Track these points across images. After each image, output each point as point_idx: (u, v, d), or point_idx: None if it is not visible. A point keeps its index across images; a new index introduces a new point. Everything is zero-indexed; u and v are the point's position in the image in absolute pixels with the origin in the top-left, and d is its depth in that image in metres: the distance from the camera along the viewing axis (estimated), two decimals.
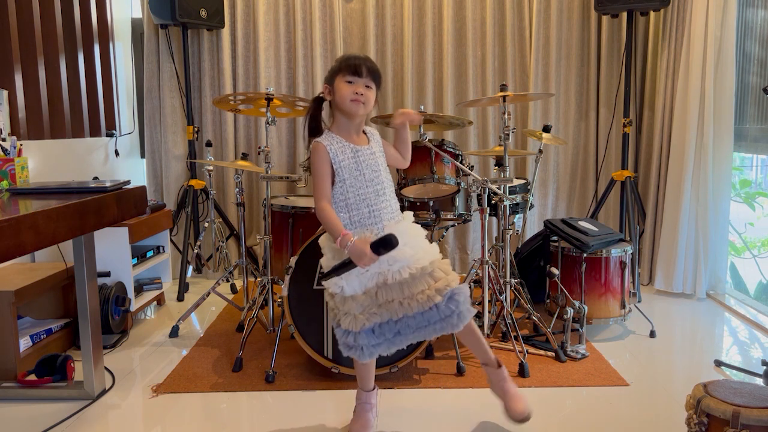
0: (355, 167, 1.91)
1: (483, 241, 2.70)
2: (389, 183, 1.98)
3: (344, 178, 1.90)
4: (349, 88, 1.90)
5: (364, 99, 1.90)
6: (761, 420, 1.58)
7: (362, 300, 1.88)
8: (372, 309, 1.88)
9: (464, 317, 1.89)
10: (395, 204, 1.99)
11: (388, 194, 1.96)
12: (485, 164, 4.08)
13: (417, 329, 1.89)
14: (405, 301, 1.87)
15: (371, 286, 1.88)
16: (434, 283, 1.87)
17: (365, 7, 3.96)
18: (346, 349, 1.90)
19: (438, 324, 1.88)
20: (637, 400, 2.30)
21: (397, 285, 1.87)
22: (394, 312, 1.87)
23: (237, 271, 3.86)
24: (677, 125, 3.51)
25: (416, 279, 1.87)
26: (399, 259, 1.86)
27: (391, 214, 1.96)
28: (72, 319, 2.83)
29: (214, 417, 2.21)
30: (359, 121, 1.97)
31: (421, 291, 1.86)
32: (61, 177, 3.23)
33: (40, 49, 3.08)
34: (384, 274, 1.88)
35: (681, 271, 3.52)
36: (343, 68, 1.92)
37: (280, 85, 4.05)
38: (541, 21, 3.93)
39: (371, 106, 1.95)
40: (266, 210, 2.81)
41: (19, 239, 1.67)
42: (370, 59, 1.98)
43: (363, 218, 1.91)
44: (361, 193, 1.91)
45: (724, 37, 3.34)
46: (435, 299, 1.85)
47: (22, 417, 2.21)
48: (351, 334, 1.88)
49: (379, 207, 1.92)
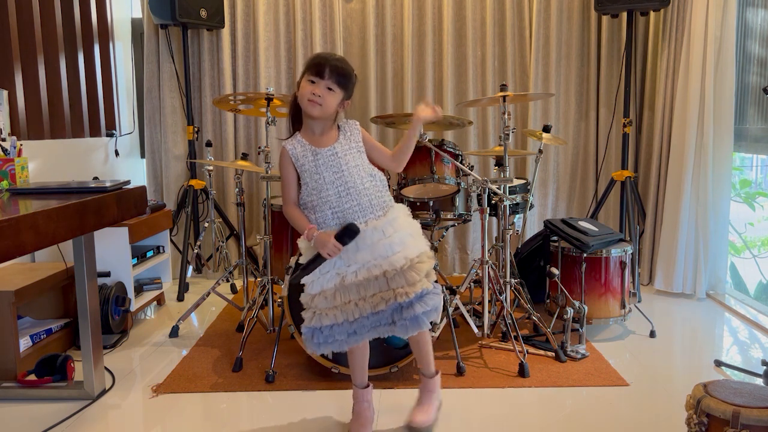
0: (314, 170, 1.91)
1: (483, 241, 2.70)
2: (361, 181, 1.91)
3: (306, 181, 1.92)
4: (309, 87, 1.88)
5: (321, 101, 1.87)
6: (761, 420, 1.58)
7: (322, 298, 1.90)
8: (329, 309, 1.89)
9: (416, 326, 1.88)
10: (374, 201, 1.93)
11: (355, 194, 1.90)
12: (485, 164, 4.08)
13: (372, 328, 1.91)
14: (360, 302, 1.88)
15: (329, 288, 1.89)
16: (406, 286, 1.86)
17: (365, 7, 3.96)
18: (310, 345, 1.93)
19: (387, 327, 1.90)
20: (637, 400, 2.30)
21: (353, 286, 1.88)
22: (350, 313, 1.88)
23: (237, 271, 3.86)
24: (677, 125, 3.51)
25: (373, 281, 1.88)
26: (358, 261, 1.88)
27: (363, 212, 1.91)
28: (72, 319, 2.83)
29: (214, 417, 2.21)
30: (322, 122, 1.94)
31: (373, 294, 1.87)
32: (61, 177, 3.23)
33: (40, 49, 3.08)
34: (342, 275, 1.89)
35: (681, 271, 3.52)
36: (309, 67, 1.90)
37: (280, 85, 4.05)
38: (541, 21, 3.93)
39: (330, 110, 1.91)
40: (266, 210, 2.81)
41: (19, 239, 1.67)
42: (343, 61, 1.92)
43: (327, 220, 1.91)
44: (323, 195, 1.90)
45: (724, 37, 3.33)
46: (398, 299, 1.85)
47: (22, 417, 2.21)
48: (309, 330, 1.92)
49: (343, 208, 1.90)
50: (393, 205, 2.00)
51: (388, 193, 2.01)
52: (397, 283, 1.87)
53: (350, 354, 2.06)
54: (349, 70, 1.92)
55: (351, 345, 1.94)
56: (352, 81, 1.93)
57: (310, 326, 1.91)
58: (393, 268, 1.87)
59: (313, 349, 1.94)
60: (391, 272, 1.87)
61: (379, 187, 1.97)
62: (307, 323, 1.93)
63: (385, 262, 1.88)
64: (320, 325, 1.89)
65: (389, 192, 2.04)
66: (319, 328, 1.90)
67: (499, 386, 2.42)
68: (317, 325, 1.90)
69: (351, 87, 1.94)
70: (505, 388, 2.41)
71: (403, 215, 1.98)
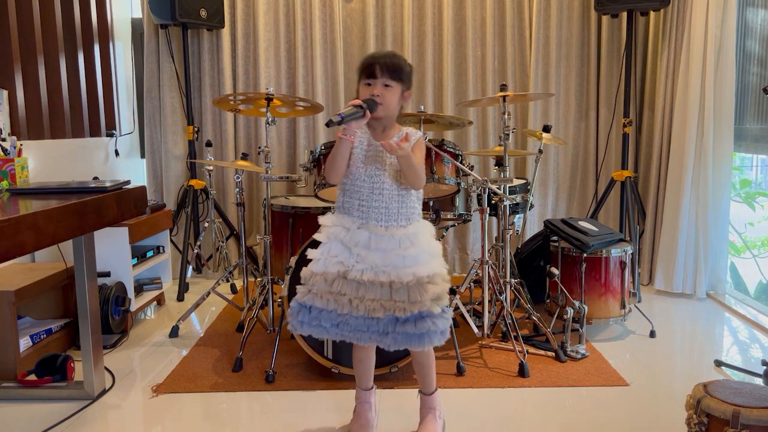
0: (361, 158, 1.92)
1: (483, 241, 2.70)
2: (397, 186, 1.90)
3: (350, 165, 1.92)
4: (366, 90, 1.88)
5: (381, 100, 1.87)
6: (761, 420, 1.58)
7: (320, 280, 1.88)
8: (324, 293, 1.88)
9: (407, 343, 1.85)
10: (401, 210, 1.91)
11: (387, 196, 1.90)
12: (485, 164, 4.08)
13: (359, 331, 1.88)
14: (355, 300, 1.86)
15: (331, 272, 1.88)
16: (407, 302, 1.84)
17: (365, 7, 3.96)
18: (293, 320, 1.92)
19: (378, 336, 1.87)
20: (637, 400, 2.30)
21: (355, 284, 1.86)
22: (342, 306, 1.86)
23: (237, 271, 3.86)
24: (677, 125, 3.51)
25: (378, 287, 1.86)
26: (366, 260, 1.86)
27: (387, 217, 1.90)
28: (72, 319, 2.83)
29: (214, 417, 2.21)
30: (384, 121, 1.94)
31: (373, 299, 1.85)
32: (61, 177, 3.23)
33: (40, 49, 3.08)
34: (347, 267, 1.87)
35: (681, 271, 3.51)
36: (361, 71, 1.91)
37: (280, 85, 4.05)
38: (541, 21, 3.93)
39: (392, 106, 1.91)
40: (266, 210, 2.81)
41: (19, 239, 1.67)
42: (392, 55, 1.91)
43: (352, 209, 1.91)
44: (357, 184, 1.91)
45: (724, 37, 3.33)
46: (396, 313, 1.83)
47: (22, 417, 2.21)
48: (297, 305, 1.90)
49: (370, 205, 1.90)
50: (420, 220, 1.97)
51: (419, 208, 1.99)
52: (400, 297, 1.85)
53: (356, 362, 2.05)
54: (399, 62, 1.90)
55: (333, 337, 1.91)
56: (405, 71, 1.91)
57: (301, 302, 1.90)
58: (400, 280, 1.85)
59: (293, 326, 1.91)
60: (397, 284, 1.85)
61: (412, 199, 1.95)
62: (299, 298, 1.91)
63: (393, 272, 1.86)
64: (311, 304, 1.88)
65: (420, 208, 2.00)
66: (308, 307, 1.88)
67: (499, 386, 2.42)
68: (308, 303, 1.88)
69: (407, 78, 1.92)
70: (505, 388, 2.41)
71: (427, 233, 1.95)
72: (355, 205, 1.91)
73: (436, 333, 1.85)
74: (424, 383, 2.05)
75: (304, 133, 4.03)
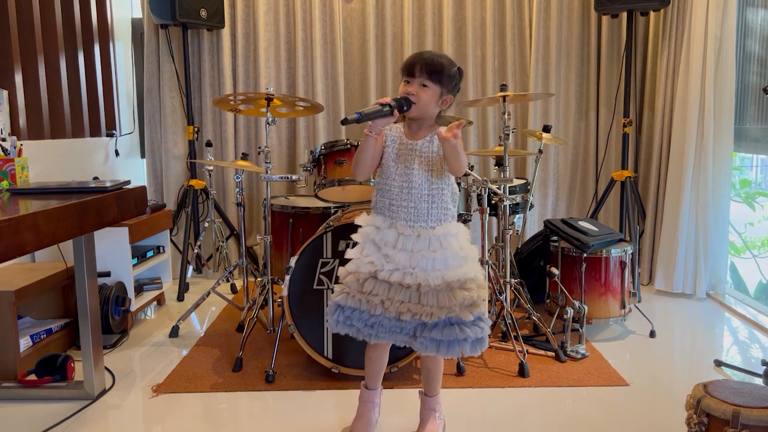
0: (393, 156, 1.91)
1: (483, 241, 2.70)
2: (428, 185, 1.86)
3: (382, 164, 1.92)
4: (404, 88, 1.87)
5: (416, 99, 1.83)
6: (761, 420, 1.58)
7: (354, 279, 1.88)
8: (357, 293, 1.87)
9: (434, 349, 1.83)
10: (432, 211, 1.87)
11: (416, 196, 1.86)
12: (485, 164, 4.08)
13: (391, 333, 1.88)
14: (386, 302, 1.84)
15: (363, 272, 1.87)
16: (435, 307, 1.81)
17: (365, 7, 3.96)
18: (330, 319, 1.92)
19: (407, 338, 1.86)
20: (637, 400, 2.30)
21: (385, 284, 1.85)
22: (374, 307, 1.85)
23: (237, 271, 3.86)
24: (677, 125, 3.51)
25: (405, 290, 1.84)
26: (393, 261, 1.85)
27: (416, 217, 1.86)
28: (72, 319, 2.83)
29: (214, 417, 2.21)
30: (419, 121, 1.91)
31: (401, 302, 1.84)
32: (61, 177, 3.23)
33: (40, 49, 3.08)
34: (377, 269, 1.86)
35: (681, 271, 3.52)
36: (402, 69, 1.88)
37: (280, 85, 4.05)
38: (541, 21, 3.93)
39: (427, 108, 1.86)
40: (266, 210, 2.81)
41: (19, 239, 1.67)
42: (435, 55, 1.86)
43: (384, 207, 1.91)
44: (389, 183, 1.90)
45: (724, 37, 3.33)
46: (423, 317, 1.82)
47: (22, 417, 2.21)
48: (334, 305, 1.90)
49: (400, 204, 1.87)
50: (452, 222, 1.91)
51: (454, 210, 1.93)
52: (429, 301, 1.82)
53: (368, 360, 2.04)
54: (441, 62, 1.84)
55: (366, 338, 1.89)
56: (447, 74, 1.84)
57: (336, 301, 1.90)
58: (428, 284, 1.82)
59: (331, 324, 1.91)
60: (425, 288, 1.82)
61: (445, 200, 1.89)
62: (334, 297, 1.91)
63: (421, 275, 1.83)
64: (345, 304, 1.88)
65: (455, 210, 1.94)
66: (342, 306, 1.88)
67: (499, 386, 2.42)
68: (342, 303, 1.88)
69: (448, 80, 1.85)
70: (505, 388, 2.41)
71: (461, 236, 1.89)
72: (386, 204, 1.90)
73: (465, 342, 1.81)
74: (428, 387, 2.04)
75: (304, 133, 4.03)
